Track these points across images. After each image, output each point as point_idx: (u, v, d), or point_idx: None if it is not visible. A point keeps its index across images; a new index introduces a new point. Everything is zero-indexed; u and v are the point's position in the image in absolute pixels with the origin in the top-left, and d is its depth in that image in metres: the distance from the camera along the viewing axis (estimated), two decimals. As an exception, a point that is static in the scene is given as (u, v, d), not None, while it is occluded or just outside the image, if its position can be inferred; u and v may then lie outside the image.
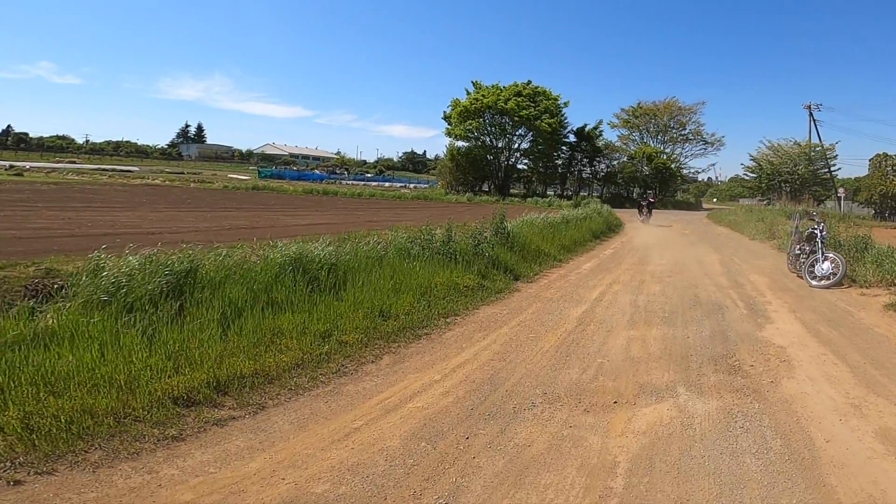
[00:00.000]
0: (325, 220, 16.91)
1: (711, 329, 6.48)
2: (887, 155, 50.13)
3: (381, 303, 6.39)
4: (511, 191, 54.56)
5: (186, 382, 3.97)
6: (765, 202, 42.70)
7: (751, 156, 50.18)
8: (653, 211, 29.70)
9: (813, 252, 10.11)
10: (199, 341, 4.64)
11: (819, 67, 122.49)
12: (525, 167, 57.53)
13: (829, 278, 9.53)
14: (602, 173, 60.07)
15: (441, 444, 3.40)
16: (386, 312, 6.23)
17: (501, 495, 2.81)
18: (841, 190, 40.96)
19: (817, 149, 44.14)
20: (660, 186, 58.74)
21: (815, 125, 47.17)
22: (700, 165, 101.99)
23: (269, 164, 77.79)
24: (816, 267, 9.78)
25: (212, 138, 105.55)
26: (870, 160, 53.07)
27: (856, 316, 7.35)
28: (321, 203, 27.66)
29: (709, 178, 76.55)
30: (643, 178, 57.64)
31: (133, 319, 4.65)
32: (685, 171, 63.68)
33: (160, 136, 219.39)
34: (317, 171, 71.31)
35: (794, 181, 42.05)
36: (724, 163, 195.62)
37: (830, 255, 9.80)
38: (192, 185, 35.98)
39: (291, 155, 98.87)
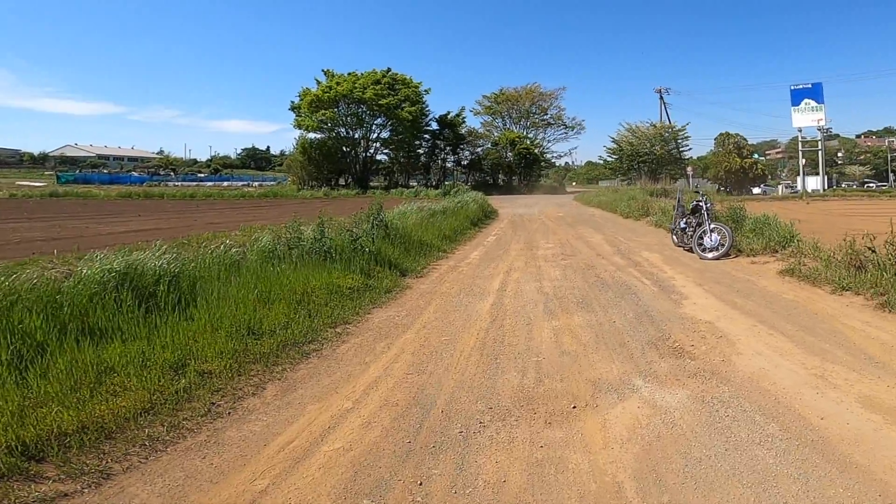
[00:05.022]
0: (150, 226, 14.78)
1: (633, 311, 6.33)
2: (729, 134, 58.08)
3: (248, 317, 5.29)
4: (372, 183, 53.75)
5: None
6: (626, 182, 46.77)
7: (612, 137, 54.82)
8: (523, 195, 40.46)
9: (700, 225, 10.79)
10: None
11: (669, 54, 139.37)
12: (385, 158, 57.10)
13: (717, 249, 10.18)
14: (466, 161, 61.72)
15: (391, 500, 2.61)
16: (256, 329, 5.16)
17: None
18: (689, 168, 46.34)
19: (670, 130, 49.53)
20: (524, 172, 61.92)
21: (666, 108, 53.16)
22: (562, 150, 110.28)
23: (72, 168, 68.75)
24: (705, 239, 10.40)
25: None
26: (714, 139, 61.09)
27: (758, 284, 7.72)
28: (143, 207, 24.56)
29: (566, 162, 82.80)
30: (507, 163, 60.23)
31: None
32: (548, 156, 67.86)
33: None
34: (134, 174, 64.63)
35: (652, 161, 46.71)
36: (581, 147, 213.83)
37: (716, 226, 10.50)
38: (-38, 195, 30.04)
39: (100, 156, 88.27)
